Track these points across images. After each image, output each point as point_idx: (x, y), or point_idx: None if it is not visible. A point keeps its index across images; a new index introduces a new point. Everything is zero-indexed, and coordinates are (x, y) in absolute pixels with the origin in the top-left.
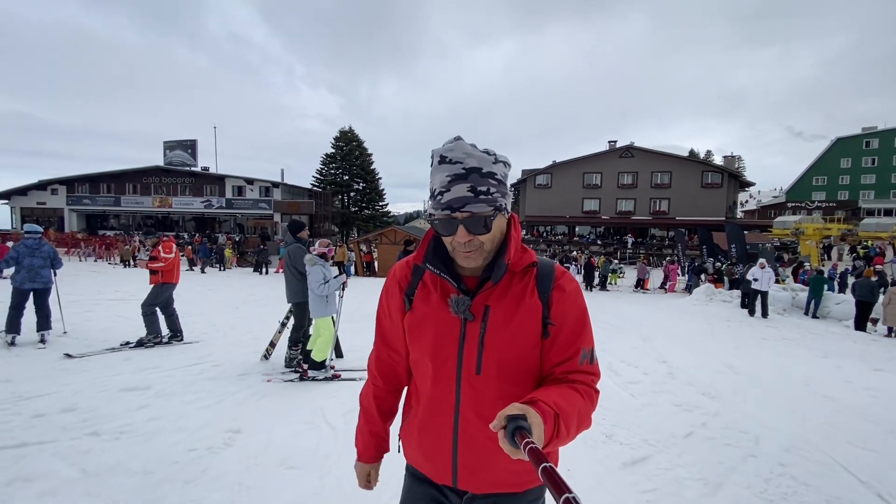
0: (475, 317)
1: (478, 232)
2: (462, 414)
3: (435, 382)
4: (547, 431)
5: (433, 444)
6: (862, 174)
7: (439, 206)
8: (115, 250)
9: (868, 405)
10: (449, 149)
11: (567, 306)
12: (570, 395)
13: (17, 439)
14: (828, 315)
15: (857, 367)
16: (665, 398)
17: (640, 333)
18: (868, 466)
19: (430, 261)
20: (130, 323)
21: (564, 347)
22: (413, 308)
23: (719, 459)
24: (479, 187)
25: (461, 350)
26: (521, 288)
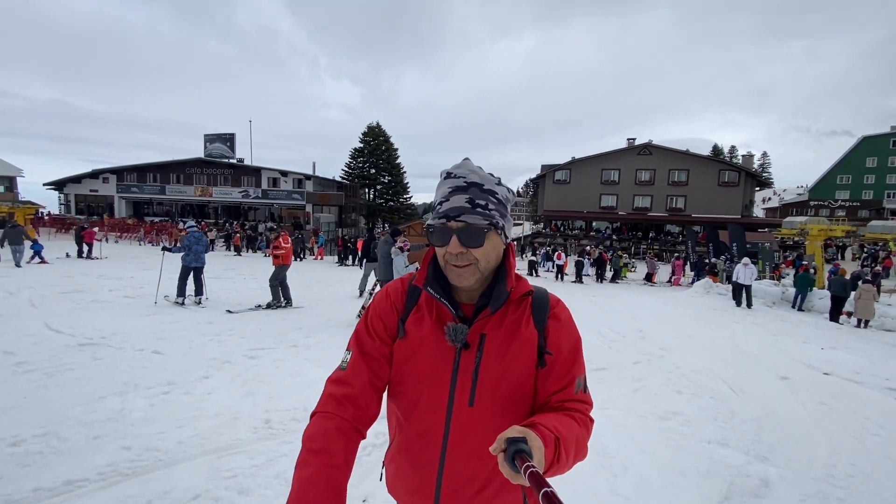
0: (471, 346)
1: (470, 244)
2: (450, 446)
3: (424, 413)
4: (548, 455)
5: (417, 474)
6: (888, 174)
7: (437, 215)
8: (168, 236)
9: (767, 356)
10: (456, 166)
11: (562, 335)
12: (568, 422)
13: (256, 348)
14: (812, 308)
15: (790, 341)
16: (631, 349)
17: (633, 315)
18: (741, 382)
19: (431, 284)
20: (241, 294)
21: (560, 376)
22: (406, 334)
23: (651, 373)
24: (478, 200)
25: (454, 380)
26: (517, 317)
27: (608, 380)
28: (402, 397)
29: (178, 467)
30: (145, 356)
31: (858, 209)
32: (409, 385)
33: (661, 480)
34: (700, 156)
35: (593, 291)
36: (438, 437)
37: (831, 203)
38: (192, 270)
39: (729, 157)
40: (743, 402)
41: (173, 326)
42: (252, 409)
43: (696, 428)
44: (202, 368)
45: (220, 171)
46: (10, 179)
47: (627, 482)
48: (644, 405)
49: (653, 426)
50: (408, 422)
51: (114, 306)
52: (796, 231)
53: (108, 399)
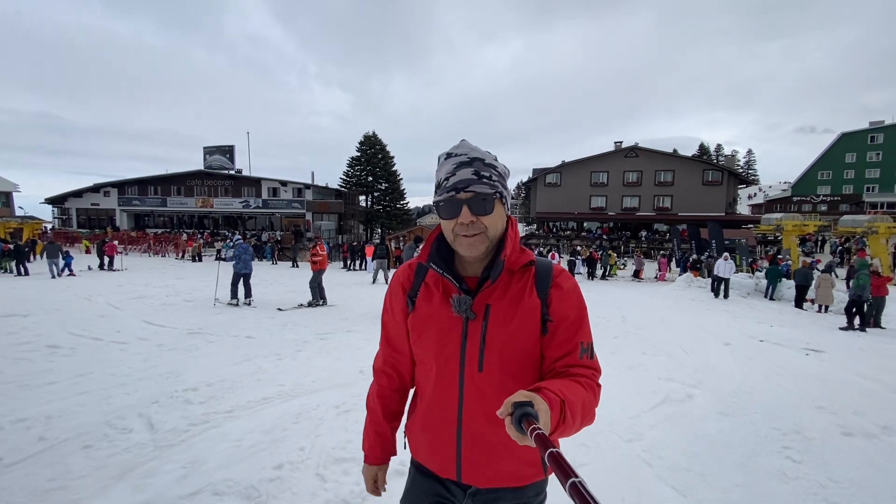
0: (476, 315)
1: (480, 212)
2: (465, 410)
3: (438, 380)
4: (553, 418)
5: (438, 439)
6: (867, 168)
7: (444, 190)
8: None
9: (722, 331)
10: (454, 147)
11: (565, 303)
12: (574, 386)
13: (321, 333)
14: (781, 298)
15: (747, 322)
16: (613, 328)
17: (618, 305)
18: (692, 347)
19: (434, 260)
20: (276, 296)
21: (563, 342)
22: (416, 309)
23: (626, 343)
24: (483, 172)
25: (463, 348)
26: (520, 287)
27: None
28: (419, 367)
29: (321, 393)
30: (242, 340)
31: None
32: (423, 356)
33: (624, 397)
34: (684, 157)
35: (585, 288)
36: (454, 403)
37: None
38: (241, 276)
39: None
40: (690, 358)
41: (245, 321)
42: (345, 366)
43: (651, 371)
44: (291, 346)
45: (220, 183)
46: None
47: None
48: (618, 360)
49: (623, 371)
50: (425, 390)
51: (182, 307)
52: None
53: (242, 364)
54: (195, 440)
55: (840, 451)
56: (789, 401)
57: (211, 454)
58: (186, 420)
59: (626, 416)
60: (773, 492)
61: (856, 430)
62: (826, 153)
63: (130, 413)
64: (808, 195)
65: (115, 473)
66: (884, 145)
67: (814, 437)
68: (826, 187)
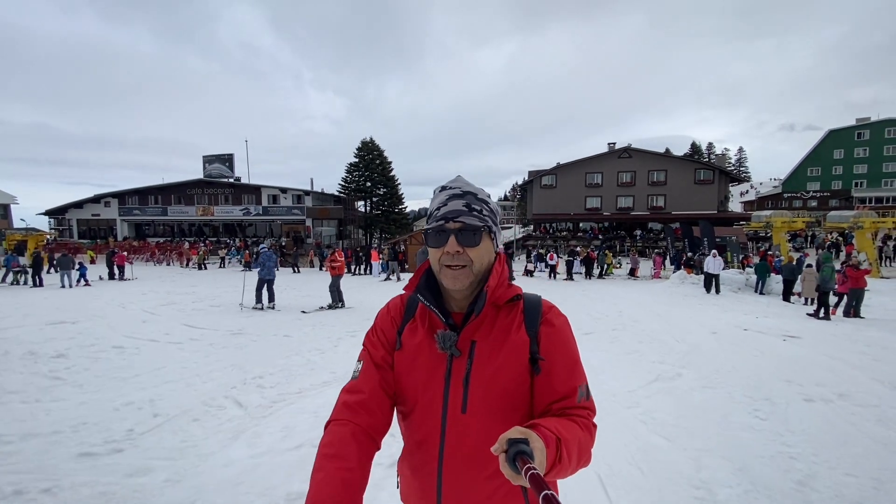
0: (461, 353)
1: (467, 244)
2: (446, 453)
3: (421, 420)
4: (549, 457)
5: (420, 483)
6: (854, 164)
7: (434, 219)
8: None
9: (710, 322)
10: (450, 181)
11: (556, 341)
12: (570, 425)
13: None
14: (770, 292)
15: (735, 314)
16: (611, 321)
17: (615, 302)
18: (683, 336)
19: (422, 292)
20: (294, 300)
21: (559, 385)
22: (402, 346)
23: (623, 333)
24: (474, 205)
25: (447, 387)
26: (507, 323)
27: (594, 337)
28: (403, 406)
29: None
30: (282, 339)
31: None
32: (407, 394)
33: (623, 376)
34: (677, 157)
35: (583, 287)
36: (435, 444)
37: (803, 194)
38: (266, 282)
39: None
40: (680, 345)
41: (276, 322)
42: None
43: (646, 356)
44: (328, 342)
45: (220, 191)
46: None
47: (606, 377)
48: (617, 348)
49: (622, 356)
50: (408, 430)
51: (213, 311)
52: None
53: (292, 357)
54: (280, 413)
55: (800, 412)
56: (764, 377)
57: (298, 422)
58: (267, 399)
59: (625, 390)
60: (741, 438)
61: (816, 397)
62: (814, 150)
63: (218, 395)
64: (798, 191)
65: (229, 436)
66: (870, 141)
67: (779, 403)
68: (815, 183)
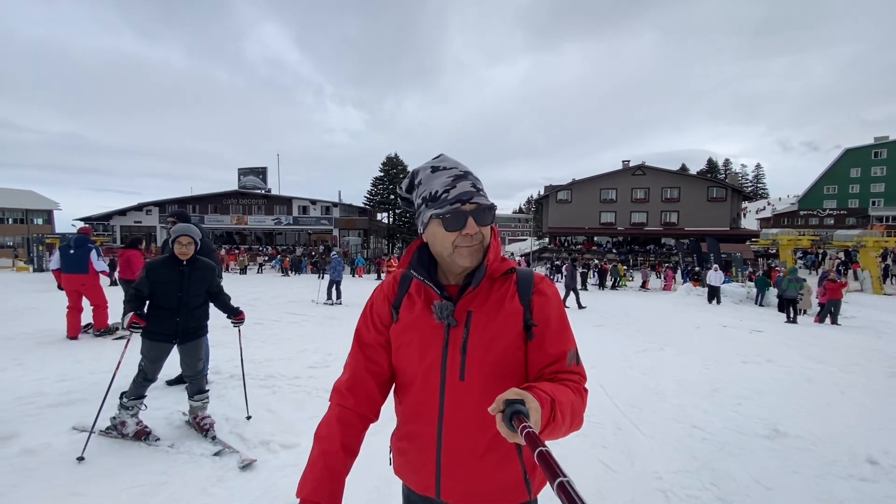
0: (458, 322)
1: (484, 223)
2: (446, 421)
3: (419, 390)
4: (543, 416)
5: (418, 454)
6: (872, 183)
7: (447, 202)
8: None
9: (699, 322)
10: (438, 160)
11: (549, 309)
12: (563, 389)
13: None
14: (769, 304)
15: (724, 317)
16: (616, 320)
17: (623, 307)
18: (672, 329)
19: (415, 268)
20: (354, 299)
21: (551, 349)
22: (399, 318)
23: (625, 327)
24: (478, 185)
25: (445, 356)
26: (502, 293)
27: (603, 328)
28: (400, 378)
29: None
30: None
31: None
32: (405, 366)
33: (621, 348)
34: (690, 175)
35: (596, 296)
36: (434, 413)
37: (819, 212)
38: (335, 282)
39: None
40: (668, 333)
41: (354, 313)
42: None
43: (638, 339)
44: None
45: (254, 201)
46: (48, 213)
47: (610, 348)
48: (619, 334)
49: (621, 338)
50: (406, 401)
51: (295, 304)
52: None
53: None
54: None
55: (735, 367)
56: (722, 352)
57: None
58: None
59: (622, 354)
60: (689, 378)
61: (750, 361)
62: (831, 168)
63: None
64: (814, 209)
65: None
66: (888, 160)
67: (724, 363)
68: (832, 201)
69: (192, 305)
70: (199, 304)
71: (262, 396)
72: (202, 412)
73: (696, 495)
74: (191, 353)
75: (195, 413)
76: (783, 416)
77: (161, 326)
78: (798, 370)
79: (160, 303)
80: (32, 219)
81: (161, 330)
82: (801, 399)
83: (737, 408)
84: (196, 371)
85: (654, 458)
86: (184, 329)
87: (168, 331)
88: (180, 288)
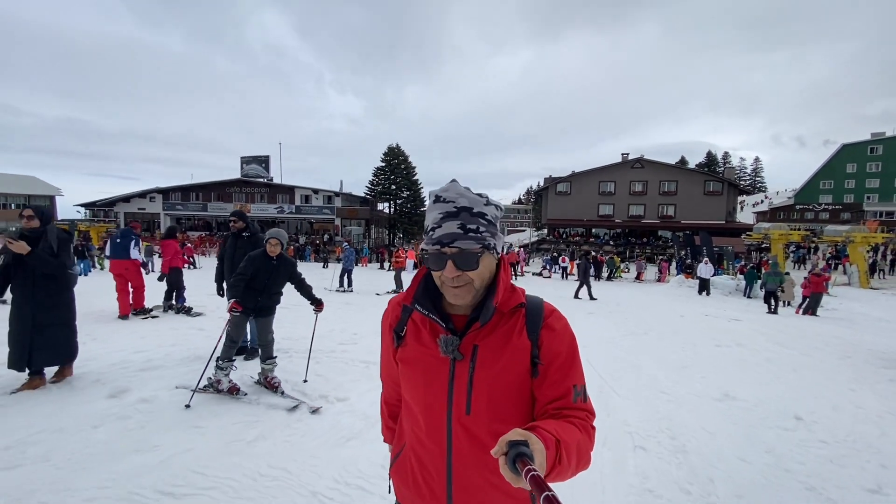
0: (464, 356)
1: (465, 268)
2: (455, 454)
3: (426, 423)
4: (549, 458)
5: (427, 482)
6: (867, 178)
7: (430, 241)
8: None
9: (683, 311)
10: (444, 189)
11: (557, 344)
12: (569, 427)
13: None
14: (756, 296)
15: (709, 307)
16: (609, 309)
17: (615, 297)
18: (659, 317)
19: (420, 301)
20: (363, 286)
21: (555, 385)
22: (404, 345)
23: (615, 314)
24: (469, 225)
25: (451, 390)
26: (509, 327)
27: (594, 315)
28: (407, 407)
29: None
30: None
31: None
32: (410, 396)
33: (610, 331)
34: (687, 168)
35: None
36: (443, 446)
37: (815, 207)
38: (347, 271)
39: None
40: (653, 321)
41: (367, 300)
42: None
43: (625, 324)
44: None
45: (257, 190)
46: (50, 198)
47: (601, 332)
48: (609, 321)
49: (610, 324)
50: (414, 431)
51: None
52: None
53: None
54: None
55: (709, 350)
56: (699, 336)
57: None
58: None
59: (610, 338)
60: (667, 356)
61: (723, 345)
62: (828, 163)
63: (364, 330)
64: (810, 203)
65: None
66: (883, 156)
67: (699, 346)
68: (828, 196)
69: (273, 290)
70: (278, 290)
71: (311, 365)
72: (271, 374)
73: (654, 436)
74: (263, 326)
75: (266, 374)
76: (737, 385)
77: (246, 301)
78: (762, 353)
79: (251, 284)
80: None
81: (245, 304)
82: (757, 374)
83: (700, 380)
84: (267, 341)
85: (626, 412)
86: (261, 307)
87: (250, 305)
88: (269, 276)
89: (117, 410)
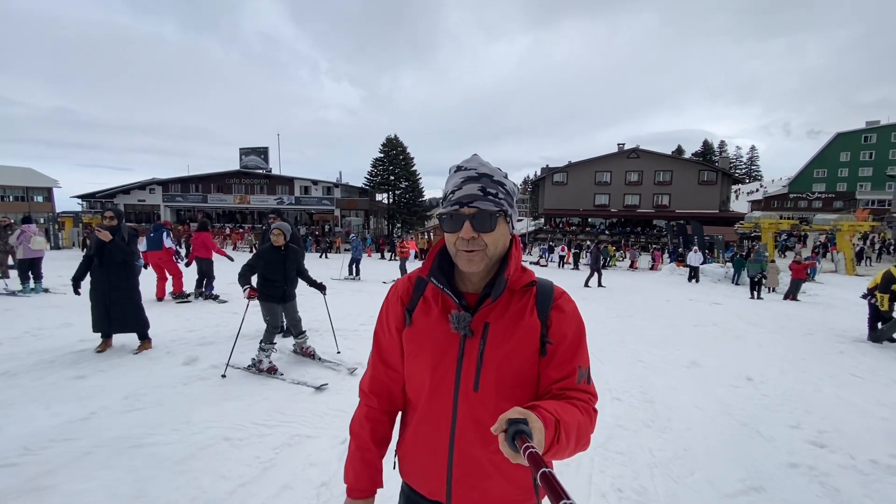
0: (475, 333)
1: (482, 229)
2: (458, 430)
3: (432, 398)
4: (547, 437)
5: (428, 459)
6: (860, 167)
7: (449, 203)
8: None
9: (671, 296)
10: (465, 161)
11: (565, 326)
12: (570, 409)
13: None
14: (744, 283)
15: (695, 293)
16: (600, 294)
17: (610, 288)
18: (647, 301)
19: (435, 274)
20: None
21: (561, 365)
22: (413, 323)
23: (606, 299)
24: (489, 189)
25: (459, 366)
26: (520, 306)
27: (587, 300)
28: (412, 383)
29: None
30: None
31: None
32: (417, 372)
33: (600, 313)
34: (682, 158)
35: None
36: (447, 422)
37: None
38: (355, 260)
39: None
40: (640, 305)
41: (378, 287)
42: None
43: (613, 307)
44: None
45: (256, 181)
46: (48, 190)
47: (591, 314)
48: (599, 305)
49: (600, 307)
50: (418, 407)
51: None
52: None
53: None
54: None
55: (687, 329)
56: (681, 318)
57: None
58: None
59: (599, 319)
60: (651, 335)
61: (700, 325)
62: (822, 152)
63: None
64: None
65: None
66: (877, 145)
67: (678, 326)
68: (822, 185)
69: (290, 278)
70: (294, 276)
71: (339, 340)
72: (304, 344)
73: (628, 391)
74: (291, 309)
75: (301, 346)
76: (704, 356)
77: (273, 291)
78: (734, 331)
79: (270, 276)
80: (33, 196)
81: (273, 294)
82: (724, 348)
83: (674, 352)
84: (296, 320)
85: (606, 374)
86: (286, 294)
87: (277, 294)
88: (283, 265)
89: (196, 373)
